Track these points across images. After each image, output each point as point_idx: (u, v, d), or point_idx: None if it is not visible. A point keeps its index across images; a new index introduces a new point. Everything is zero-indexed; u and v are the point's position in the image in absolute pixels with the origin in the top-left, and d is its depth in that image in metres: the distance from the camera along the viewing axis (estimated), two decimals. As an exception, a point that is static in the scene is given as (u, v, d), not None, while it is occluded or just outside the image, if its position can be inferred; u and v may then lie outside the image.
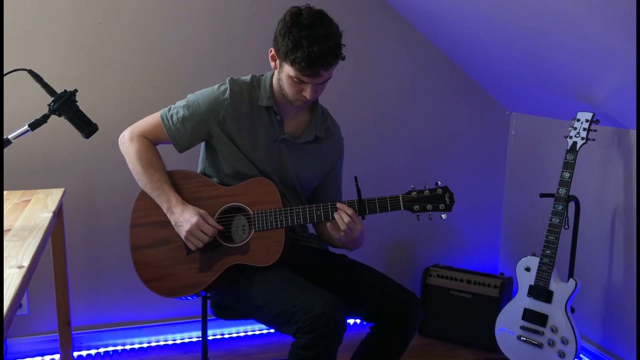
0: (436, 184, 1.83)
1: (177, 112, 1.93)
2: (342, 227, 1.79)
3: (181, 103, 1.95)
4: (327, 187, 2.09)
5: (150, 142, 1.96)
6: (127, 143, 1.95)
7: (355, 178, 1.83)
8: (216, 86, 1.94)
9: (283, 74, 1.81)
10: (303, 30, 1.70)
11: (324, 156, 2.03)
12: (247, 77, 1.96)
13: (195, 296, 1.96)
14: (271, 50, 1.84)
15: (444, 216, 1.82)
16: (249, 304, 1.84)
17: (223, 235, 1.89)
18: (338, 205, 1.82)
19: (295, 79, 1.78)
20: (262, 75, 1.97)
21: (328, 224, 1.81)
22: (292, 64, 1.74)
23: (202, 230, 1.82)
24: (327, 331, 1.65)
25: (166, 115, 1.94)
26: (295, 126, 1.98)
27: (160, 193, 1.89)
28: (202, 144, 2.03)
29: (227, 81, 1.93)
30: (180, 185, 1.93)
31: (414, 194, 1.82)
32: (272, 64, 1.86)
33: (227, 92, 1.90)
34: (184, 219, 1.84)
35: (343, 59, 1.79)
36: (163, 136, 1.95)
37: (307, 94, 1.80)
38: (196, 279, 1.89)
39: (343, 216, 1.79)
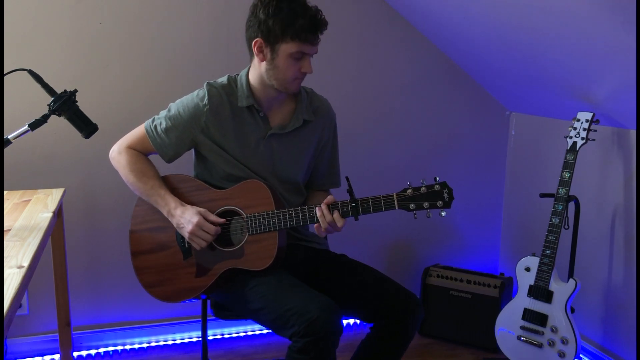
0: (434, 179, 1.74)
1: (160, 124, 1.93)
2: (324, 226, 1.77)
3: (163, 113, 1.95)
4: (321, 170, 2.06)
5: (139, 152, 1.96)
6: (117, 157, 1.96)
7: (347, 178, 1.76)
8: (195, 92, 1.92)
9: (280, 58, 1.77)
10: (291, 4, 1.73)
11: (315, 134, 1.99)
12: (224, 79, 1.93)
13: (194, 299, 1.96)
14: (256, 41, 1.78)
15: (443, 214, 1.71)
16: (247, 307, 1.84)
17: (221, 239, 1.88)
18: (319, 208, 1.77)
19: (296, 55, 1.76)
20: (237, 74, 1.95)
21: (315, 225, 1.80)
22: (293, 36, 1.73)
23: (204, 230, 1.82)
24: (322, 335, 1.64)
25: (150, 126, 1.94)
26: (281, 118, 1.95)
27: (158, 199, 1.90)
28: (193, 150, 2.01)
29: (205, 86, 1.91)
30: (175, 189, 1.93)
31: (409, 191, 1.72)
32: (260, 56, 1.80)
33: (206, 98, 1.88)
34: (185, 220, 1.83)
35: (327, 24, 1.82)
36: (150, 147, 1.96)
37: (307, 67, 1.80)
38: (193, 284, 1.89)
39: (326, 215, 1.76)
